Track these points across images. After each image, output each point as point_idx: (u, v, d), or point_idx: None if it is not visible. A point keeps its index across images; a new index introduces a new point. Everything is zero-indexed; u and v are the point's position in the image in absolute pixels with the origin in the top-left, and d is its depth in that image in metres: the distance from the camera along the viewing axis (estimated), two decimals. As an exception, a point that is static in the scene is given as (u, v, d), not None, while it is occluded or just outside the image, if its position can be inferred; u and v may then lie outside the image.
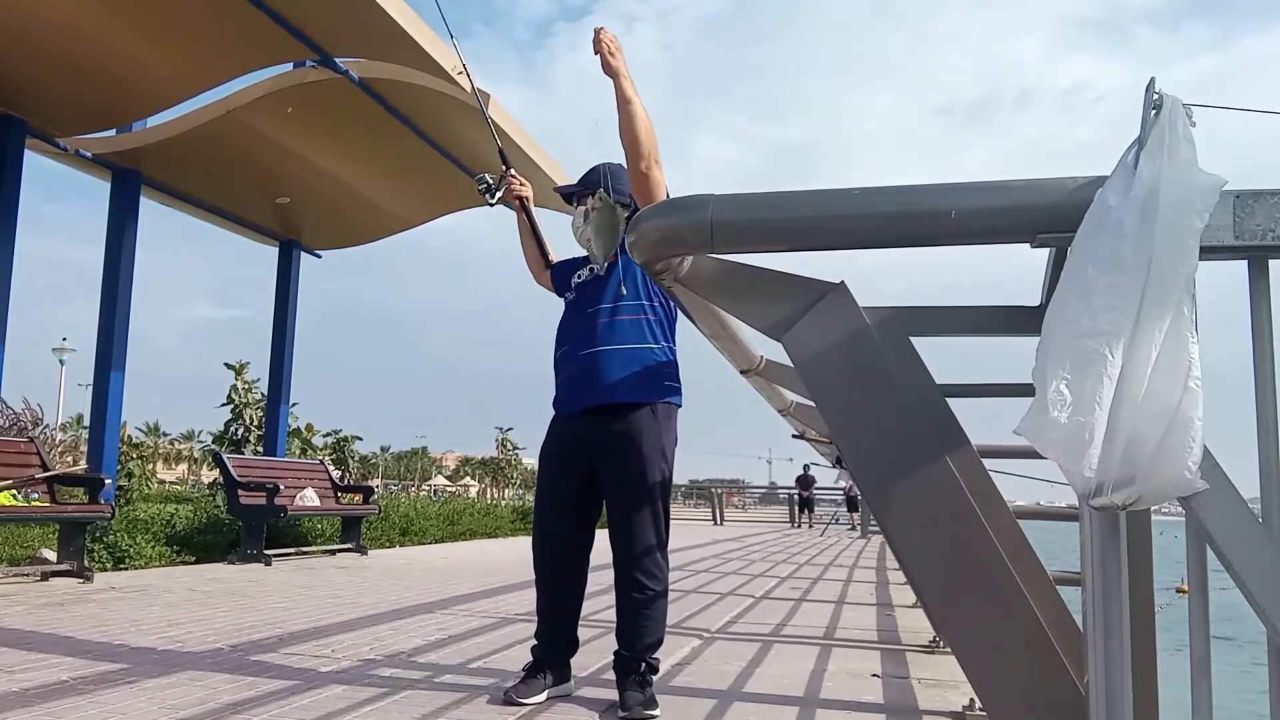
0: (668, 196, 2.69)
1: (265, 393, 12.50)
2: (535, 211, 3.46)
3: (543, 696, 3.05)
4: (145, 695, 2.97)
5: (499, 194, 3.38)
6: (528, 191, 3.40)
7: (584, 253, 3.13)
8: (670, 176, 2.86)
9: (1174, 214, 1.15)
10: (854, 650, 4.44)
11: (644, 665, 3.01)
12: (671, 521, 3.11)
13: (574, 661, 3.27)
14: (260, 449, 15.48)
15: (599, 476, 3.03)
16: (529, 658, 3.19)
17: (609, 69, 2.77)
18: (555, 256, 3.42)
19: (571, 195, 3.21)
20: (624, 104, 2.78)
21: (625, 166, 2.96)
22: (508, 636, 4.38)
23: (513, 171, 3.41)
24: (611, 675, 3.09)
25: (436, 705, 2.95)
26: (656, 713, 2.89)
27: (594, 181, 3.13)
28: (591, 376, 3.00)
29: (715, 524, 24.61)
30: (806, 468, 26.47)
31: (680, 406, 3.12)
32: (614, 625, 3.10)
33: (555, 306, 3.28)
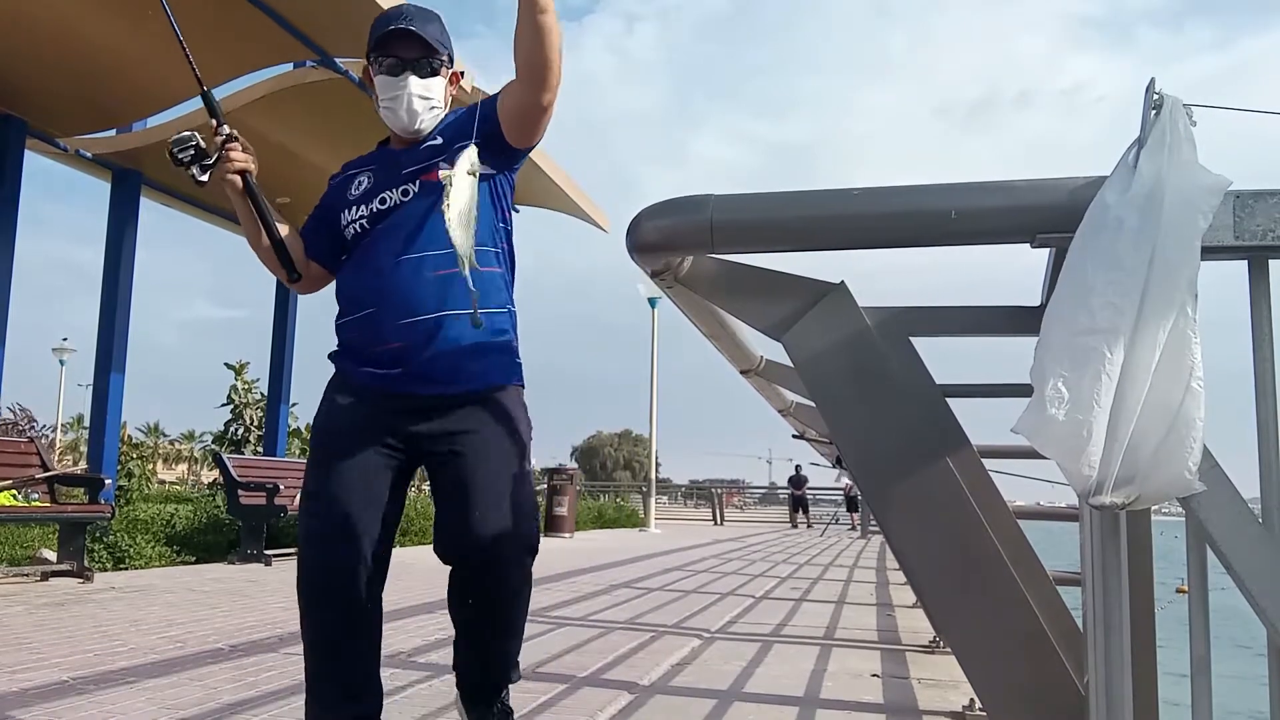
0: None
1: (265, 393, 12.50)
2: (265, 195, 2.17)
3: None
4: (145, 695, 2.97)
5: (211, 169, 2.07)
6: (252, 165, 2.11)
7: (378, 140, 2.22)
8: (670, 176, 2.71)
9: (1178, 214, 1.15)
10: (854, 650, 4.44)
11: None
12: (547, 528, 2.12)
13: (574, 661, 3.26)
14: (260, 449, 15.48)
15: (434, 476, 2.08)
16: (529, 657, 3.13)
17: None
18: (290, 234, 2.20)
19: (391, 57, 2.08)
20: (538, 12, 1.86)
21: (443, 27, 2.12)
22: (508, 636, 4.38)
23: (233, 133, 2.11)
24: (612, 675, 3.08)
25: (436, 705, 2.95)
26: None
27: (433, 49, 2.08)
28: (431, 354, 2.00)
29: (715, 524, 24.62)
30: (798, 468, 26.63)
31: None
32: (609, 626, 3.09)
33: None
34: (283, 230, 2.12)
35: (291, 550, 8.65)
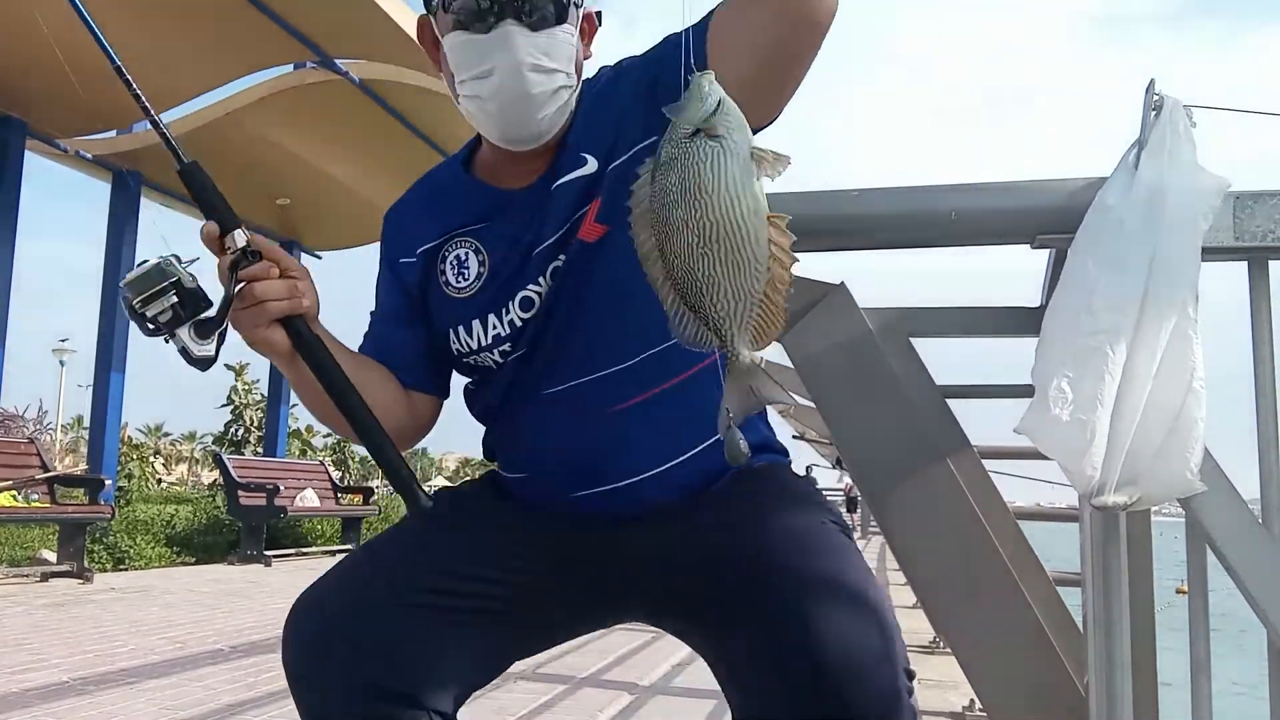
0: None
1: (265, 394, 12.51)
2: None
3: None
4: (145, 695, 2.97)
5: (219, 330, 0.99)
6: (305, 299, 1.03)
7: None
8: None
9: (1179, 215, 1.15)
10: (854, 651, 4.43)
11: None
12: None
13: (574, 661, 3.25)
14: (260, 450, 15.49)
15: (679, 613, 1.09)
16: (530, 658, 3.07)
17: None
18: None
19: None
20: None
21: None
22: (508, 637, 4.38)
23: (251, 246, 1.00)
24: (612, 675, 3.08)
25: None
26: None
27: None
28: (649, 503, 1.12)
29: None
30: (808, 469, 26.79)
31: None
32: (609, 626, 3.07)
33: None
34: (362, 378, 1.07)
35: (291, 550, 8.65)
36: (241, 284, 0.98)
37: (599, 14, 1.14)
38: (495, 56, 1.04)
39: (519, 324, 1.11)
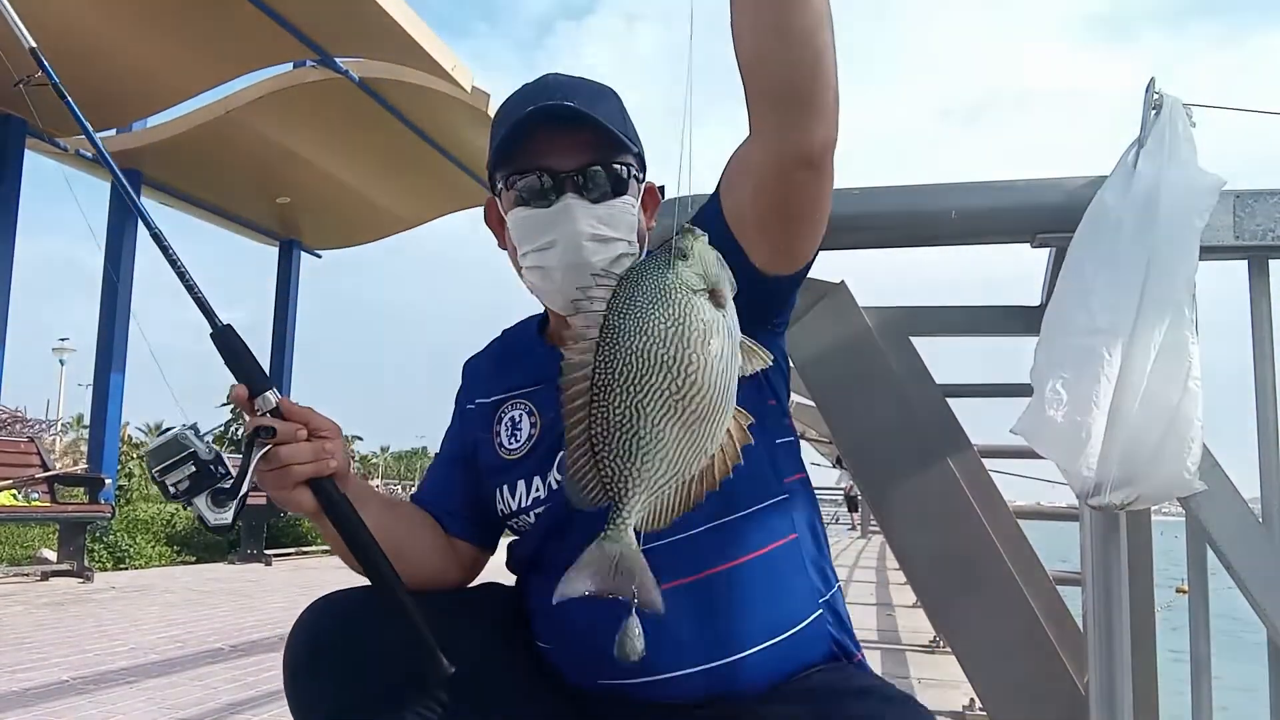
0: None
1: (265, 393, 12.51)
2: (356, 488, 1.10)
3: None
4: (145, 695, 2.97)
5: (237, 499, 1.01)
6: (333, 460, 1.03)
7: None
8: (669, 176, 1.60)
9: (1174, 214, 1.15)
10: (854, 650, 4.43)
11: None
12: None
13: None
14: (260, 449, 15.50)
15: None
16: None
17: None
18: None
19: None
20: None
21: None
22: (508, 636, 4.38)
23: (269, 425, 1.00)
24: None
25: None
26: None
27: (611, 145, 1.09)
28: (662, 630, 0.92)
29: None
30: None
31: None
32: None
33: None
34: (397, 532, 1.12)
35: (291, 549, 8.65)
36: (266, 448, 0.99)
37: (662, 188, 1.19)
38: (557, 228, 1.07)
39: (555, 486, 1.10)
